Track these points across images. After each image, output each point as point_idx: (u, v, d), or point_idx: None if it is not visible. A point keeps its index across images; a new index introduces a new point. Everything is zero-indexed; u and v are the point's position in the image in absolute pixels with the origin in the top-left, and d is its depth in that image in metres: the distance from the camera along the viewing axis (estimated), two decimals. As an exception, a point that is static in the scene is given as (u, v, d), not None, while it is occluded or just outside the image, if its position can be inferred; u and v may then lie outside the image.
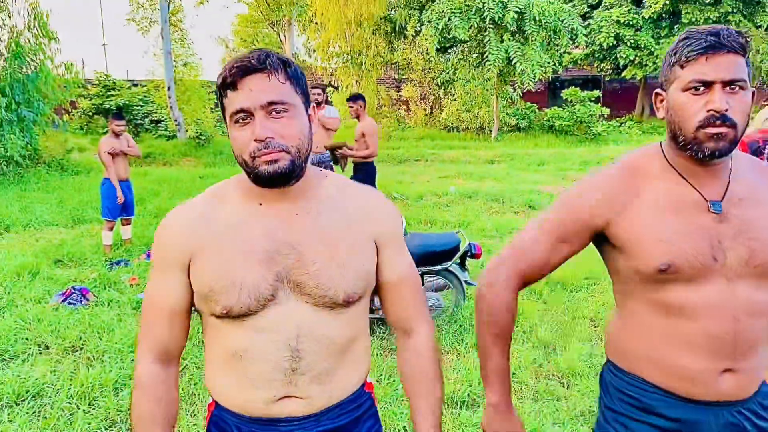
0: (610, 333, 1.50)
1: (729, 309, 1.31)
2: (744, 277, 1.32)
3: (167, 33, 15.95)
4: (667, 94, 1.34)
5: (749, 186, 1.36)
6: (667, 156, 1.39)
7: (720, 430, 1.37)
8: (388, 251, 1.39)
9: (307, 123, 1.28)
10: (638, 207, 1.35)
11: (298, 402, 1.32)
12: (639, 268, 1.35)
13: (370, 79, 22.73)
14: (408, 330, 1.46)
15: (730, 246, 1.31)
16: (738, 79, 1.26)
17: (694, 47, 1.27)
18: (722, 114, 1.25)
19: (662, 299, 1.35)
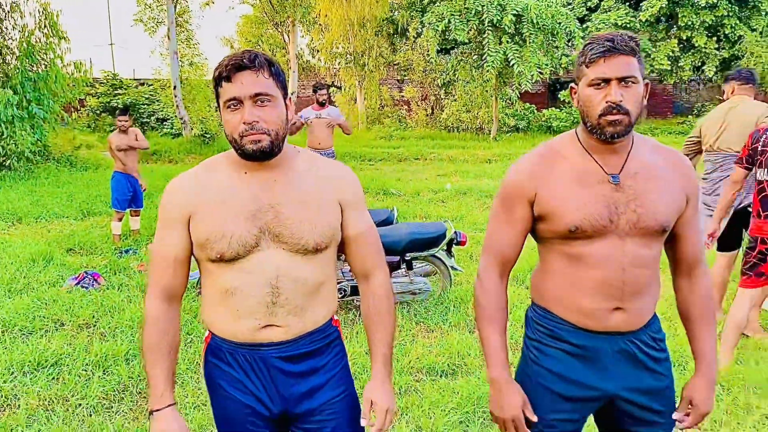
0: (533, 280, 1.85)
1: (619, 261, 1.66)
2: (632, 236, 1.66)
3: (174, 33, 16.34)
4: (578, 88, 1.69)
5: (644, 163, 1.70)
6: (579, 138, 1.74)
7: (614, 354, 1.72)
8: (350, 211, 1.75)
9: (284, 111, 1.64)
10: (554, 180, 1.70)
11: (278, 330, 1.67)
12: (554, 229, 1.69)
13: (372, 79, 23.12)
14: (367, 275, 1.83)
15: (623, 211, 1.65)
16: (630, 76, 1.59)
17: (595, 51, 1.61)
18: (617, 104, 1.59)
19: (570, 252, 1.70)
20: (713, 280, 4.58)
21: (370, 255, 1.82)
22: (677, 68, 20.34)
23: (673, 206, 1.69)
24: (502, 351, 1.75)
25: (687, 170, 1.75)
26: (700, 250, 1.82)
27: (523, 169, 1.74)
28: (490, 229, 1.82)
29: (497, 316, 1.77)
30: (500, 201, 1.79)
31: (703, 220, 4.52)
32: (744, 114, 4.30)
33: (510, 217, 1.76)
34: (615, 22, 19.98)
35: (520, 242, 1.78)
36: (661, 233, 1.68)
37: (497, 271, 1.80)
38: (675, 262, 1.83)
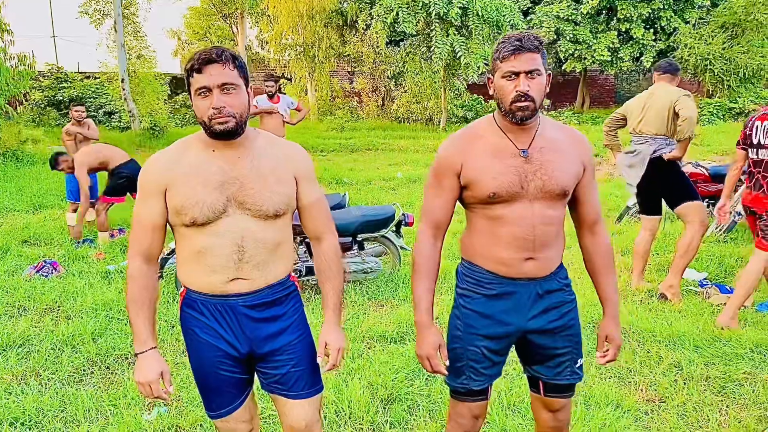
0: (462, 240, 2.20)
1: (529, 220, 2.02)
2: (540, 200, 2.02)
3: (120, 25, 16.18)
4: (494, 79, 2.03)
5: (548, 139, 2.06)
6: (496, 120, 2.08)
7: (528, 296, 2.09)
8: (303, 184, 2.07)
9: (246, 98, 1.94)
10: (476, 154, 2.04)
11: (244, 282, 1.98)
12: (477, 195, 2.04)
13: (323, 71, 23.26)
14: (319, 238, 2.17)
15: (531, 179, 2.01)
16: (534, 69, 1.94)
17: (507, 49, 1.95)
18: (525, 93, 1.94)
19: (490, 214, 2.05)
20: (635, 250, 5.07)
21: (321, 221, 2.14)
22: (617, 59, 21.17)
23: (571, 173, 2.05)
24: (427, 299, 2.09)
25: (583, 144, 2.13)
26: (599, 211, 2.20)
27: (451, 146, 2.08)
28: (425, 199, 2.15)
29: (428, 271, 2.10)
30: (433, 174, 2.12)
31: (628, 187, 5.03)
32: (660, 99, 4.75)
33: (441, 187, 2.09)
34: (557, 15, 20.66)
35: (450, 208, 2.12)
36: (563, 196, 2.05)
37: (431, 234, 2.13)
38: (578, 221, 2.21)
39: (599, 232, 2.20)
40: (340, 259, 2.18)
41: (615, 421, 3.08)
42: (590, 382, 3.52)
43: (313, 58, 22.59)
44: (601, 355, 2.21)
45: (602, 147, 13.62)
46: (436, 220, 2.12)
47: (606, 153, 13.10)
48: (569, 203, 2.18)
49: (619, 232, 6.72)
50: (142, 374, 1.95)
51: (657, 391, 3.44)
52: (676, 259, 4.77)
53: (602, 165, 12.08)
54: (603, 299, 2.22)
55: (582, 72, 22.96)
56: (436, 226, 2.12)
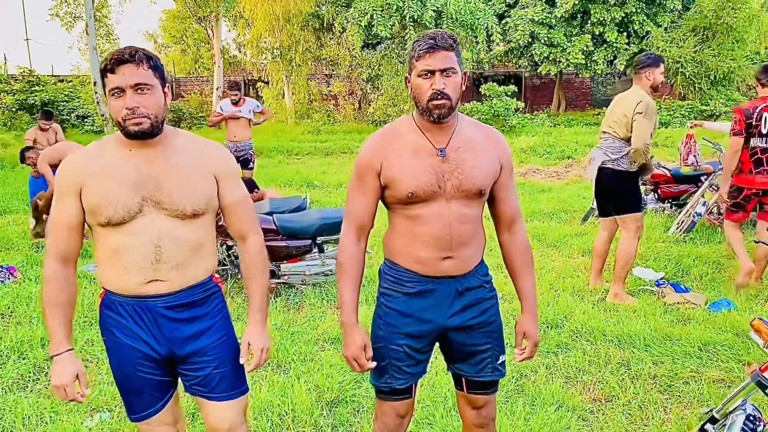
0: (384, 239, 2.20)
1: (447, 219, 2.03)
2: (456, 199, 2.03)
3: (92, 28, 16.03)
4: (411, 79, 2.03)
5: (466, 138, 2.07)
6: (415, 119, 2.09)
7: (448, 294, 2.10)
8: (224, 183, 2.06)
9: (162, 98, 1.93)
10: (395, 154, 2.04)
11: (162, 284, 1.96)
12: (396, 195, 2.04)
13: (300, 74, 23.22)
14: (243, 237, 2.15)
15: (448, 178, 2.02)
16: (449, 68, 1.96)
17: (422, 47, 1.96)
18: (440, 91, 1.95)
19: (409, 214, 2.05)
20: (594, 249, 5.10)
21: (244, 220, 2.13)
22: (591, 62, 21.36)
23: (488, 173, 2.06)
24: (352, 300, 2.08)
25: (500, 143, 2.15)
26: (517, 210, 2.21)
27: (371, 146, 2.08)
28: (348, 200, 2.15)
29: (352, 272, 2.10)
30: (355, 175, 2.12)
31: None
32: (623, 102, 4.68)
33: (363, 188, 2.09)
34: (532, 18, 20.81)
35: (373, 208, 2.12)
36: (479, 195, 2.06)
37: (355, 234, 2.12)
38: (497, 220, 2.22)
39: (517, 231, 2.22)
40: (265, 259, 2.17)
41: (557, 421, 3.09)
42: (538, 382, 3.54)
43: (290, 62, 22.54)
44: (519, 351, 2.22)
45: (575, 150, 13.73)
46: (359, 221, 2.12)
47: (578, 155, 13.21)
48: (488, 202, 2.19)
49: (583, 233, 6.78)
50: (57, 377, 1.93)
51: (604, 391, 3.46)
52: (615, 267, 4.81)
53: (572, 168, 12.18)
54: (521, 296, 2.24)
55: (557, 75, 23.15)
56: (360, 226, 2.12)
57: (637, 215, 4.74)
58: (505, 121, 17.55)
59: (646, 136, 4.46)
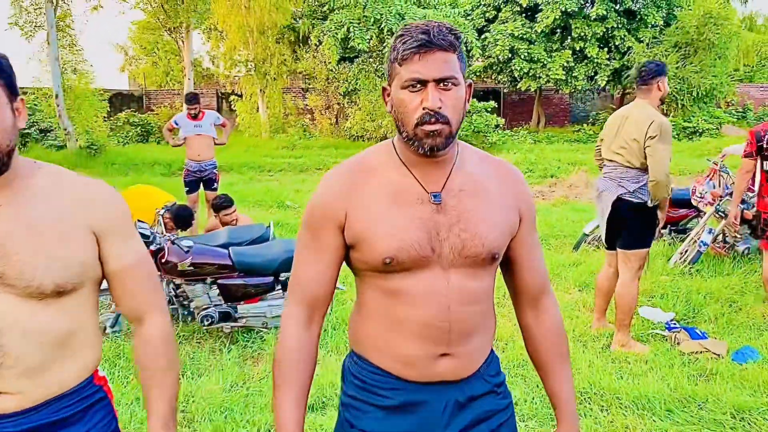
0: (351, 322, 1.53)
1: (443, 298, 1.37)
2: (457, 267, 1.37)
3: (54, 38, 15.19)
4: (391, 91, 1.38)
5: (470, 177, 1.42)
6: (396, 149, 1.43)
7: (444, 408, 1.42)
8: (109, 241, 1.39)
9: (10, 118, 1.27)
10: (367, 199, 1.39)
11: (8, 398, 1.28)
12: (367, 259, 1.38)
13: (275, 88, 22.53)
14: (140, 319, 1.47)
15: (445, 236, 1.36)
16: (449, 77, 1.31)
17: (408, 45, 1.30)
18: (435, 112, 1.30)
19: (387, 288, 1.39)
20: (598, 286, 4.47)
21: (141, 293, 1.46)
22: (572, 78, 21.01)
23: (503, 227, 1.42)
24: (295, 415, 1.40)
25: (518, 182, 1.50)
26: (544, 276, 1.56)
27: (331, 187, 1.43)
28: (295, 264, 1.48)
29: (294, 376, 1.42)
30: (306, 226, 1.46)
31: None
32: (632, 125, 3.95)
33: (317, 247, 1.43)
34: (512, 33, 20.43)
35: (330, 278, 1.45)
36: (491, 261, 1.41)
37: (304, 315, 1.45)
38: (516, 293, 1.57)
39: (546, 307, 1.57)
40: (173, 351, 1.50)
41: None
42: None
43: (265, 75, 21.85)
44: None
45: (558, 168, 13.23)
46: (310, 296, 1.45)
47: (561, 174, 12.70)
48: (502, 269, 1.54)
49: (578, 263, 6.16)
50: None
51: (625, 475, 2.82)
52: (617, 314, 4.18)
53: (557, 187, 11.63)
54: (555, 400, 1.57)
55: (537, 91, 22.75)
56: (311, 304, 1.45)
57: (643, 252, 4.12)
58: (486, 137, 17.03)
59: (665, 164, 3.83)
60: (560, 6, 19.62)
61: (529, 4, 20.79)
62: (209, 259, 4.40)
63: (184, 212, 5.11)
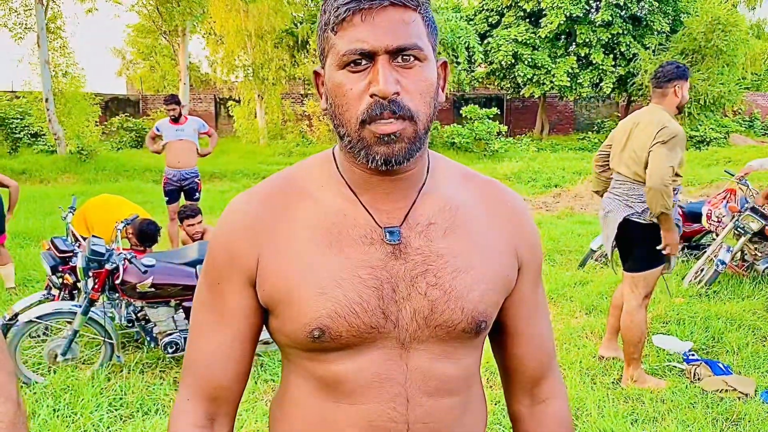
0: (270, 417, 1.06)
1: (399, 388, 0.91)
2: (422, 342, 0.92)
3: (44, 41, 14.79)
4: (325, 74, 0.92)
5: (446, 204, 0.96)
6: (338, 163, 0.97)
7: None
8: None
9: None
10: (287, 239, 0.93)
11: None
12: (287, 331, 0.93)
13: (274, 93, 22.15)
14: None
15: (405, 295, 0.90)
16: (410, 46, 0.84)
17: (345, 0, 0.85)
18: (391, 100, 0.83)
19: (319, 373, 0.93)
20: (613, 303, 3.97)
21: None
22: (576, 84, 20.58)
23: (494, 280, 0.96)
24: None
25: (518, 213, 1.04)
26: (550, 352, 1.09)
27: (238, 221, 0.96)
28: (191, 333, 1.01)
29: None
30: (205, 278, 1.00)
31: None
32: (641, 133, 3.53)
33: (219, 310, 0.97)
34: (515, 38, 20.01)
35: (239, 356, 0.98)
36: (474, 333, 0.94)
37: (201, 414, 0.99)
38: (508, 373, 1.10)
39: (548, 395, 1.09)
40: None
41: None
42: None
43: (263, 80, 21.47)
44: None
45: (562, 177, 12.77)
46: (209, 384, 0.98)
47: (566, 184, 12.23)
48: (489, 336, 1.07)
49: (584, 282, 5.68)
50: None
51: None
52: (624, 347, 3.70)
53: (562, 198, 11.15)
54: None
55: (541, 97, 22.31)
56: (212, 396, 0.99)
57: (651, 274, 3.63)
58: (488, 145, 16.60)
59: (662, 170, 3.34)
60: (565, 11, 19.20)
61: (533, 9, 20.40)
62: (173, 279, 3.94)
63: (148, 227, 4.64)
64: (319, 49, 0.93)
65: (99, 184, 13.41)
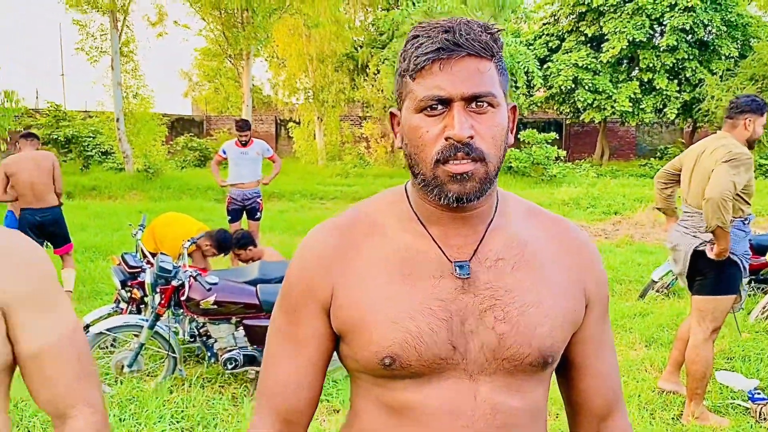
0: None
1: (467, 419, 0.94)
2: (491, 374, 0.95)
3: (117, 64, 15.56)
4: (401, 117, 0.98)
5: (514, 240, 1.00)
6: (409, 198, 1.03)
7: None
8: (23, 316, 1.03)
9: None
10: (361, 271, 0.99)
11: None
12: (359, 357, 0.98)
13: (333, 115, 22.60)
14: (62, 415, 1.09)
15: (474, 328, 0.94)
16: (483, 94, 0.90)
17: (425, 50, 0.91)
18: (465, 143, 0.89)
19: (388, 400, 0.98)
20: (679, 335, 3.86)
21: (61, 382, 1.08)
22: (638, 110, 20.19)
23: (562, 316, 0.99)
24: None
25: (586, 250, 1.07)
26: (617, 389, 1.10)
27: (315, 252, 1.03)
28: (266, 357, 1.08)
29: None
30: (281, 306, 1.06)
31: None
32: (707, 160, 3.52)
33: (295, 336, 1.03)
34: (576, 63, 19.83)
35: (312, 380, 1.04)
36: (542, 366, 0.97)
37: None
38: (574, 409, 1.12)
39: (615, 429, 1.10)
40: None
41: None
42: None
43: (323, 102, 21.94)
44: None
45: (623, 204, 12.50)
46: (284, 406, 1.04)
47: (626, 211, 11.97)
48: (556, 371, 1.10)
49: (645, 313, 5.55)
50: None
51: None
52: (688, 382, 3.59)
53: (622, 225, 10.91)
54: None
55: (601, 123, 21.96)
56: (287, 419, 1.05)
57: (720, 302, 3.51)
58: (545, 170, 16.42)
59: (723, 184, 3.26)
60: (627, 36, 18.93)
61: (595, 34, 20.19)
62: (234, 298, 4.07)
63: (225, 236, 4.95)
64: (396, 92, 1.00)
65: (163, 202, 13.90)
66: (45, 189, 5.77)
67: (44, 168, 5.77)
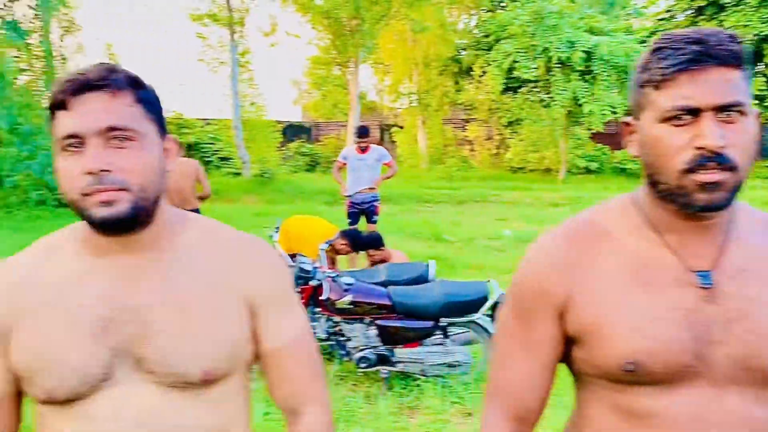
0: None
1: (713, 427, 0.95)
2: (738, 384, 0.95)
3: (236, 73, 16.38)
4: (639, 126, 1.01)
5: (755, 251, 1.00)
6: (643, 206, 1.05)
7: None
8: (266, 314, 1.12)
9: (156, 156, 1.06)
10: (599, 276, 1.02)
11: None
12: (598, 362, 1.01)
13: (436, 119, 22.68)
14: (295, 411, 1.18)
15: (720, 338, 0.95)
16: (735, 103, 0.92)
17: (673, 61, 0.93)
18: (717, 153, 0.91)
19: (626, 406, 1.00)
20: None
21: (298, 380, 1.17)
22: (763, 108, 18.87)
23: None
24: None
25: None
26: None
27: (548, 258, 1.07)
28: (498, 358, 1.14)
29: None
30: (512, 310, 1.11)
31: None
32: None
33: (529, 340, 1.08)
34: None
35: (544, 380, 1.10)
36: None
37: (509, 429, 1.11)
38: None
39: None
40: None
41: None
42: None
43: (427, 107, 22.07)
44: None
45: None
46: (520, 406, 1.10)
47: None
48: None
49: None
50: None
51: None
52: None
53: None
54: None
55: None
56: (521, 417, 1.11)
57: None
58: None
59: None
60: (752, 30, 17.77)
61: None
62: (369, 298, 4.21)
63: (359, 234, 5.32)
64: (633, 102, 1.02)
65: (278, 205, 14.49)
66: (190, 193, 6.30)
67: (187, 174, 6.27)
